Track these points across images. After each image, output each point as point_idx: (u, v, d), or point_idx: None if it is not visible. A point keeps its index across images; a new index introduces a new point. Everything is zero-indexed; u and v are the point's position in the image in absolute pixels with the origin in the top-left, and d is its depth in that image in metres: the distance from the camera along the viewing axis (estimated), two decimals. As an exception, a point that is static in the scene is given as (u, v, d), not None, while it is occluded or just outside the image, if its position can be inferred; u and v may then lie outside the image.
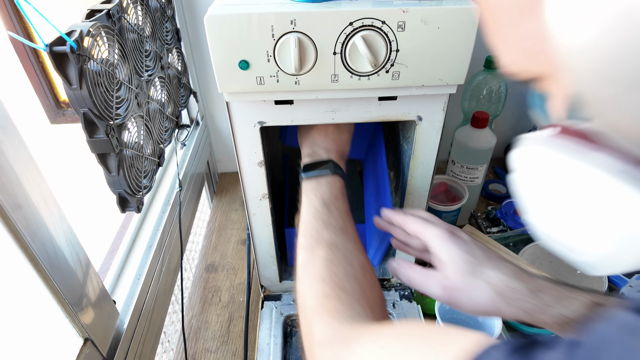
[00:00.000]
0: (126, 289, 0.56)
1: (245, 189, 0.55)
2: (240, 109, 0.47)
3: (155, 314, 0.61)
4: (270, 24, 0.38)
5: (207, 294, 0.75)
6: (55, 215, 0.39)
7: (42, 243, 0.37)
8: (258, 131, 0.49)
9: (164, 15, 0.70)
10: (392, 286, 0.71)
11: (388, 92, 0.45)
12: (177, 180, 0.74)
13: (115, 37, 0.49)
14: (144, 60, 0.59)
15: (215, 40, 0.39)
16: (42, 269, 0.37)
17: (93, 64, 0.43)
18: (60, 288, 0.39)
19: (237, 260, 0.82)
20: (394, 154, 0.65)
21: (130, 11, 0.55)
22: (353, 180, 0.86)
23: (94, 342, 0.44)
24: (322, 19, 0.38)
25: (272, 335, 0.64)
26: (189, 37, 0.85)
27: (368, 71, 0.41)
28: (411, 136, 0.52)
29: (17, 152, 0.34)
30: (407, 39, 0.40)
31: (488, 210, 0.87)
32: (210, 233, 0.89)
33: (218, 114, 0.98)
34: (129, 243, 0.63)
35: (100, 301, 0.46)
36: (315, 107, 0.47)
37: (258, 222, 0.59)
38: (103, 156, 0.48)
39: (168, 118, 0.70)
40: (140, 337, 0.55)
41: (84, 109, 0.43)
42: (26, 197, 0.35)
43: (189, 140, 0.86)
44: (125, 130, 0.51)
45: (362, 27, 0.39)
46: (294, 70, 0.40)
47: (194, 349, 0.66)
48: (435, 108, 0.48)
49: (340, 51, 0.40)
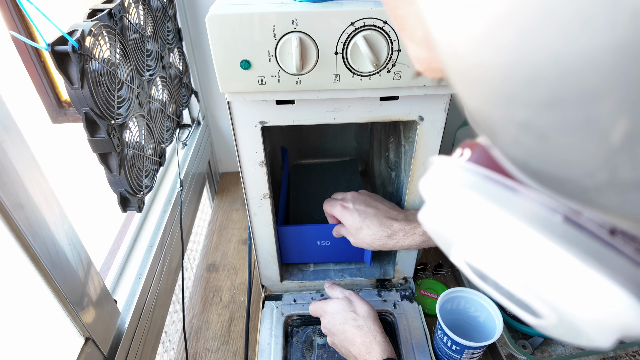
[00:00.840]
0: (127, 288, 0.56)
1: (247, 188, 0.55)
2: (241, 108, 0.47)
3: (156, 314, 0.61)
4: (272, 24, 0.38)
5: (208, 294, 0.75)
6: (56, 214, 0.39)
7: (43, 242, 0.37)
8: (259, 131, 0.49)
9: (166, 14, 0.70)
10: (392, 286, 0.70)
11: (389, 92, 0.45)
12: (178, 180, 0.74)
13: (116, 37, 0.49)
14: (145, 60, 0.59)
15: (216, 40, 0.39)
16: (43, 268, 0.37)
17: (94, 64, 0.43)
18: (62, 287, 0.39)
19: (238, 260, 0.82)
20: (395, 154, 0.65)
21: (132, 11, 0.55)
22: (353, 180, 0.86)
23: (95, 342, 0.44)
24: (324, 18, 0.38)
25: (273, 335, 0.64)
26: (191, 37, 0.85)
27: (369, 71, 0.41)
28: (412, 136, 0.52)
29: (18, 151, 0.34)
30: (409, 39, 0.39)
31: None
32: (211, 233, 0.89)
33: (219, 114, 0.98)
34: (130, 242, 0.63)
35: (101, 300, 0.46)
36: (317, 107, 0.47)
37: (259, 221, 0.59)
38: (104, 155, 0.48)
39: (169, 118, 0.70)
40: (141, 336, 0.55)
41: (86, 108, 0.43)
42: (28, 197, 0.35)
43: (190, 140, 0.86)
44: (127, 129, 0.51)
45: (364, 27, 0.39)
46: (296, 70, 0.40)
47: (195, 349, 0.66)
48: (437, 108, 0.48)
49: (341, 51, 0.40)
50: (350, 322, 0.54)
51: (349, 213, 0.57)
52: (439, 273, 0.77)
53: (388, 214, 0.57)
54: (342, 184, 0.84)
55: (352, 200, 0.59)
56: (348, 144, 0.94)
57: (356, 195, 0.60)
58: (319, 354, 0.62)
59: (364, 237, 0.56)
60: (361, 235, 0.56)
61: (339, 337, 0.54)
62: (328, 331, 0.57)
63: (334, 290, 0.61)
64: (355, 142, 0.94)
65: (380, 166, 0.79)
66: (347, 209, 0.58)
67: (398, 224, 0.55)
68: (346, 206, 0.58)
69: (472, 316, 0.61)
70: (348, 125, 0.91)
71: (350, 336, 0.53)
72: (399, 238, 0.55)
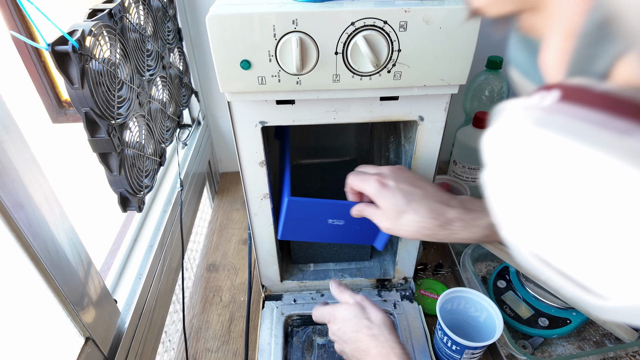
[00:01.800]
0: (127, 288, 0.56)
1: (247, 188, 0.55)
2: (241, 108, 0.47)
3: (157, 314, 0.61)
4: (272, 24, 0.38)
5: (208, 294, 0.75)
6: (56, 214, 0.39)
7: (43, 242, 0.37)
8: (259, 131, 0.49)
9: (166, 14, 0.70)
10: (393, 286, 0.70)
11: (390, 92, 0.45)
12: (178, 180, 0.74)
13: (117, 37, 0.49)
14: (145, 60, 0.59)
15: (216, 40, 0.39)
16: (43, 268, 0.37)
17: (95, 64, 0.43)
18: (62, 287, 0.39)
19: (238, 260, 0.82)
20: (395, 154, 0.65)
21: (132, 11, 0.55)
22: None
23: (95, 341, 0.44)
24: (324, 18, 0.38)
25: (273, 335, 0.64)
26: (191, 37, 0.85)
27: (370, 71, 0.41)
28: (413, 136, 0.52)
29: (19, 151, 0.34)
30: (409, 39, 0.40)
31: (489, 211, 0.87)
32: (212, 233, 0.89)
33: (219, 114, 0.98)
34: (130, 242, 0.63)
35: (101, 300, 0.46)
36: (317, 107, 0.47)
37: (259, 221, 0.59)
38: (104, 155, 0.48)
39: (169, 118, 0.70)
40: (141, 336, 0.55)
41: (86, 108, 0.43)
42: (28, 197, 0.35)
43: (190, 139, 0.86)
44: (127, 129, 0.51)
45: (364, 27, 0.39)
46: (296, 70, 0.40)
47: (195, 349, 0.66)
48: (437, 108, 0.48)
49: (342, 51, 0.40)
50: (364, 331, 0.49)
51: (389, 192, 0.46)
52: (439, 273, 0.77)
53: (438, 198, 0.47)
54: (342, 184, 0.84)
55: (394, 177, 0.48)
56: (348, 144, 0.94)
57: (397, 171, 0.49)
58: (319, 354, 0.62)
59: (407, 223, 0.46)
60: (403, 221, 0.46)
61: (350, 346, 0.50)
62: (338, 338, 0.53)
63: (342, 294, 0.56)
64: (355, 142, 0.94)
65: (381, 166, 0.78)
66: (387, 187, 0.47)
67: (454, 211, 0.45)
68: (385, 183, 0.47)
69: (472, 316, 0.61)
70: (348, 125, 0.91)
71: (364, 346, 0.49)
72: (455, 229, 0.45)
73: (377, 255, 0.74)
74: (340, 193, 0.62)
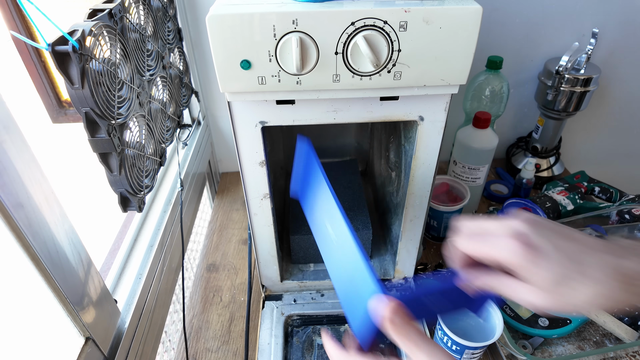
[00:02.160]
0: (127, 288, 0.56)
1: (247, 188, 0.55)
2: (241, 108, 0.47)
3: (157, 314, 0.61)
4: (272, 24, 0.38)
5: (208, 294, 0.75)
6: (56, 214, 0.39)
7: (43, 242, 0.37)
8: (259, 131, 0.49)
9: (166, 14, 0.70)
10: (393, 287, 0.70)
11: (390, 92, 0.45)
12: (178, 180, 0.74)
13: (117, 37, 0.49)
14: (145, 60, 0.59)
15: (217, 40, 0.39)
16: (43, 268, 0.37)
17: (95, 64, 0.43)
18: (62, 287, 0.39)
19: (238, 260, 0.82)
20: (395, 154, 0.65)
21: (132, 11, 0.55)
22: (353, 180, 0.86)
23: (95, 341, 0.44)
24: (324, 18, 0.38)
25: (273, 335, 0.64)
26: (191, 37, 0.85)
27: (370, 71, 0.41)
28: (413, 136, 0.52)
29: (19, 151, 0.34)
30: (409, 39, 0.40)
31: (490, 211, 0.87)
32: (212, 233, 0.90)
33: (219, 114, 0.98)
34: (131, 242, 0.63)
35: (101, 300, 0.46)
36: (317, 107, 0.47)
37: (259, 222, 0.59)
38: (105, 155, 0.48)
39: (170, 118, 0.70)
40: (141, 336, 0.55)
41: (86, 108, 0.43)
42: (28, 196, 0.35)
43: (190, 139, 0.86)
44: (127, 129, 0.51)
45: (364, 27, 0.39)
46: (296, 70, 0.40)
47: (195, 349, 0.66)
48: (437, 108, 0.48)
49: (342, 51, 0.40)
50: None
51: (544, 259, 0.30)
52: (439, 273, 0.77)
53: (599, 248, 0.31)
54: (342, 184, 0.84)
55: (538, 232, 0.31)
56: (348, 144, 0.94)
57: (534, 223, 0.32)
58: (319, 354, 0.62)
59: (579, 296, 0.30)
60: (573, 293, 0.30)
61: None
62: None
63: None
64: (355, 142, 0.94)
65: (381, 166, 0.79)
66: (539, 250, 0.30)
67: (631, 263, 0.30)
68: (534, 244, 0.31)
69: (472, 316, 0.61)
70: (348, 125, 0.91)
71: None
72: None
73: (377, 255, 0.74)
74: (340, 193, 0.62)
